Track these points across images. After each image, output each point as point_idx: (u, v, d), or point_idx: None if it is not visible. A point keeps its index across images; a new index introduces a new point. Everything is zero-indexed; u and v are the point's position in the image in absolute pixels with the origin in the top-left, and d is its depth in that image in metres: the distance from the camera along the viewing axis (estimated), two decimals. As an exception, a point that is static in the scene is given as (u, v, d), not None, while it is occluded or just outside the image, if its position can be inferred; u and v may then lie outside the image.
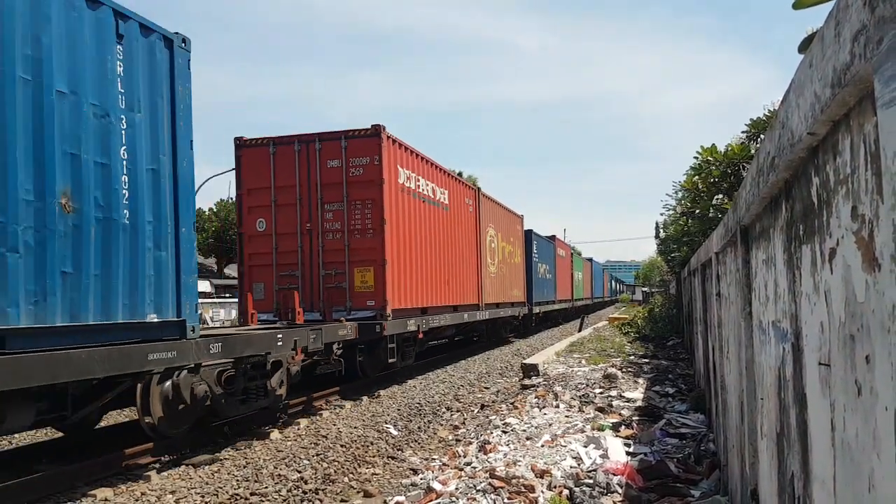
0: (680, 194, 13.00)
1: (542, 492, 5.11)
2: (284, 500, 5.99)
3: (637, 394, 9.41)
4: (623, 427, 7.23)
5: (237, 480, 6.51)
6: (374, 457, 7.42)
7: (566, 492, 5.05)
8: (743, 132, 9.17)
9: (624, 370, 11.90)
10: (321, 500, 6.00)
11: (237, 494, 6.09)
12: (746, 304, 3.11)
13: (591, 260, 54.53)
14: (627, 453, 6.07)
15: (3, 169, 5.06)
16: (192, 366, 7.07)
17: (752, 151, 8.29)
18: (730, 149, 9.09)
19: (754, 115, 8.66)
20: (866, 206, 1.16)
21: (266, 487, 6.28)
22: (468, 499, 5.09)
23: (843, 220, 1.33)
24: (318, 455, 7.40)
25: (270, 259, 12.05)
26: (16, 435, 8.36)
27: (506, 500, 4.98)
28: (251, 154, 12.13)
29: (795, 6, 1.56)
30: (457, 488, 5.40)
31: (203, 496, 6.07)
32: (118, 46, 6.15)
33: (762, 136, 7.80)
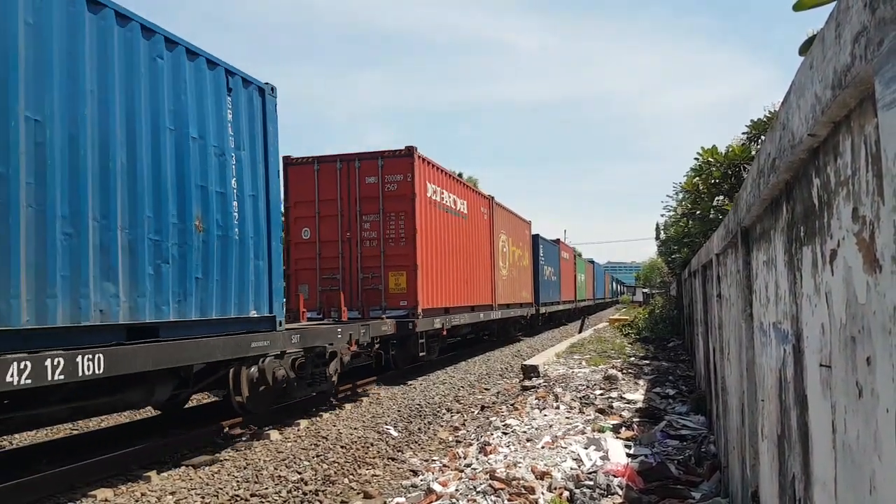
0: (680, 195, 13.00)
1: (543, 493, 5.11)
2: (284, 502, 5.98)
3: (637, 395, 9.40)
4: (623, 428, 7.23)
5: (237, 481, 6.51)
6: (374, 458, 7.41)
7: (566, 493, 5.05)
8: (743, 133, 9.17)
9: (624, 371, 11.89)
10: (321, 502, 5.99)
11: (237, 495, 6.09)
12: (747, 305, 3.11)
13: (593, 262, 55.41)
14: (628, 455, 6.06)
15: (158, 200, 6.65)
16: (279, 353, 8.58)
17: (753, 153, 8.28)
18: (730, 150, 9.09)
19: (754, 116, 8.66)
20: (867, 207, 1.16)
21: (266, 488, 6.28)
22: (468, 500, 5.08)
23: (843, 222, 1.33)
24: (318, 456, 7.40)
25: (314, 264, 13.62)
26: (16, 435, 8.36)
27: (506, 502, 4.97)
28: (297, 171, 13.74)
29: (796, 7, 1.56)
30: (457, 490, 5.39)
31: (203, 497, 6.07)
32: (228, 98, 7.76)
33: (763, 137, 7.80)
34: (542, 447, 6.58)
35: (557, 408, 8.82)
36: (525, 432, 7.49)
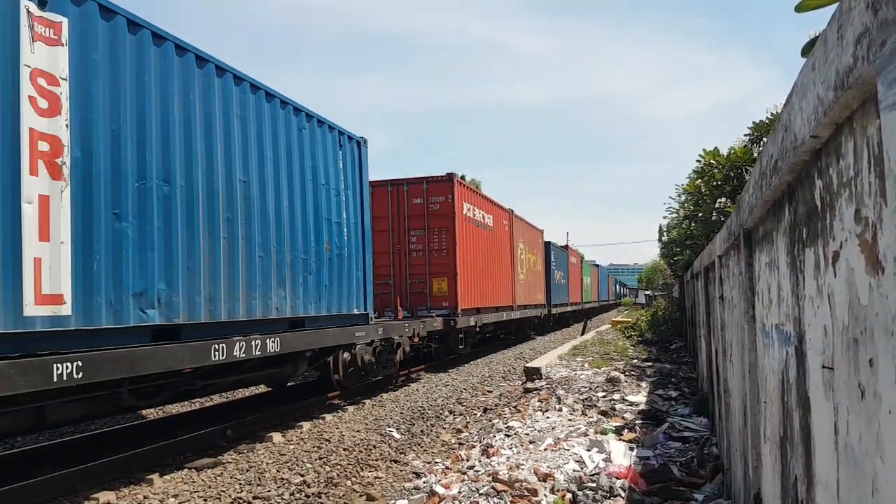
0: (683, 197, 12.98)
1: (546, 495, 5.10)
2: (287, 504, 5.98)
3: (640, 397, 9.39)
4: (626, 430, 7.22)
5: (240, 484, 6.51)
6: (376, 460, 7.41)
7: (569, 495, 5.04)
8: (745, 135, 9.16)
9: (627, 374, 11.88)
10: (324, 504, 5.99)
11: (240, 498, 6.09)
12: (749, 307, 3.11)
13: (598, 266, 57.17)
14: (630, 457, 6.05)
15: (305, 230, 9.22)
16: (370, 342, 11.13)
17: (755, 154, 8.27)
18: (732, 152, 9.08)
19: (756, 117, 8.65)
20: (869, 208, 1.16)
21: (269, 491, 6.28)
22: (471, 502, 5.08)
23: (846, 223, 1.33)
24: (320, 458, 7.40)
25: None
26: (18, 438, 8.38)
27: (508, 504, 4.97)
28: None
29: (798, 9, 1.56)
30: (460, 492, 5.39)
31: (205, 500, 6.07)
32: (340, 152, 10.42)
33: (765, 139, 7.79)
34: (545, 449, 6.57)
35: (560, 410, 8.81)
36: (528, 434, 7.48)
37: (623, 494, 4.98)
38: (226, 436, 8.28)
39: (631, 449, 6.35)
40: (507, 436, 7.58)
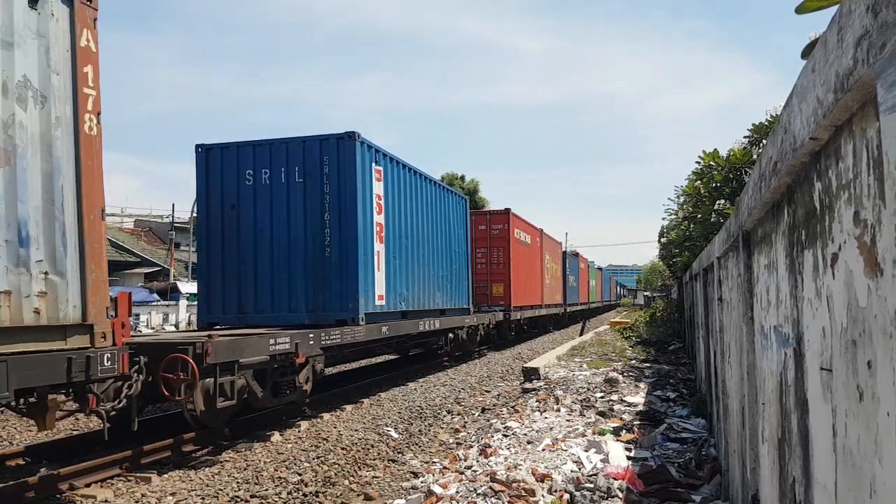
0: (682, 199, 12.99)
1: (543, 496, 5.11)
2: (284, 503, 5.98)
3: (638, 398, 9.39)
4: (624, 431, 7.22)
5: (237, 482, 6.51)
6: (374, 460, 7.41)
7: (567, 496, 5.05)
8: (745, 137, 9.16)
9: (625, 374, 11.88)
10: (321, 503, 5.99)
11: (237, 496, 6.09)
12: (748, 308, 3.11)
13: (601, 269, 63.24)
14: (628, 458, 6.06)
15: (449, 259, 15.72)
16: (470, 326, 17.35)
17: (755, 156, 8.28)
18: (732, 153, 9.08)
19: (755, 119, 8.65)
20: (868, 211, 1.16)
21: (266, 490, 6.27)
22: (468, 502, 5.08)
23: (845, 225, 1.33)
24: (318, 458, 7.40)
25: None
26: (16, 436, 8.38)
27: (506, 504, 4.97)
28: None
29: (798, 10, 1.56)
30: (457, 492, 5.39)
31: (203, 498, 6.07)
32: (458, 206, 16.49)
33: (764, 140, 7.80)
34: (543, 450, 6.57)
35: (558, 410, 8.81)
36: (525, 435, 7.48)
37: (621, 495, 4.98)
38: (224, 434, 8.28)
39: (629, 450, 6.35)
40: (505, 436, 7.58)
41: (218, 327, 10.56)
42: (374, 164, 11.17)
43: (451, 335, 15.89)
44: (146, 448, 7.16)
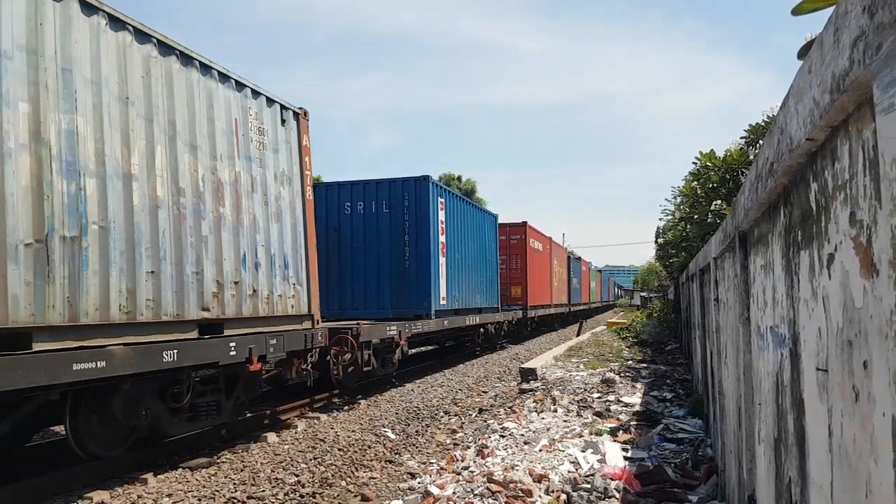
0: (678, 199, 13.00)
1: (540, 496, 5.11)
2: (281, 504, 5.97)
3: (635, 399, 9.40)
4: (621, 432, 7.23)
5: (234, 484, 6.49)
6: (371, 461, 7.40)
7: (564, 496, 5.05)
8: (742, 138, 9.18)
9: (622, 375, 11.89)
10: (318, 504, 5.98)
11: (234, 498, 6.08)
12: (745, 309, 3.12)
13: (600, 271, 67.63)
14: (625, 458, 6.06)
15: (485, 268, 19.36)
16: (500, 321, 20.80)
17: (751, 157, 8.30)
18: (729, 154, 9.10)
19: (752, 120, 8.67)
20: (864, 211, 1.16)
21: (263, 491, 6.26)
22: (465, 503, 5.08)
23: (841, 226, 1.34)
24: (315, 459, 7.39)
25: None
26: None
27: (503, 505, 4.96)
28: None
29: (794, 12, 1.57)
30: (454, 492, 5.39)
31: (200, 499, 6.06)
32: (488, 223, 20.00)
33: (761, 141, 7.81)
34: (540, 450, 6.58)
35: (555, 411, 8.82)
36: (523, 435, 7.48)
37: (617, 496, 4.99)
38: (220, 435, 8.26)
39: (626, 450, 6.36)
40: (502, 436, 7.58)
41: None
42: (439, 198, 14.92)
43: (482, 329, 19.37)
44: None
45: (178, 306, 6.86)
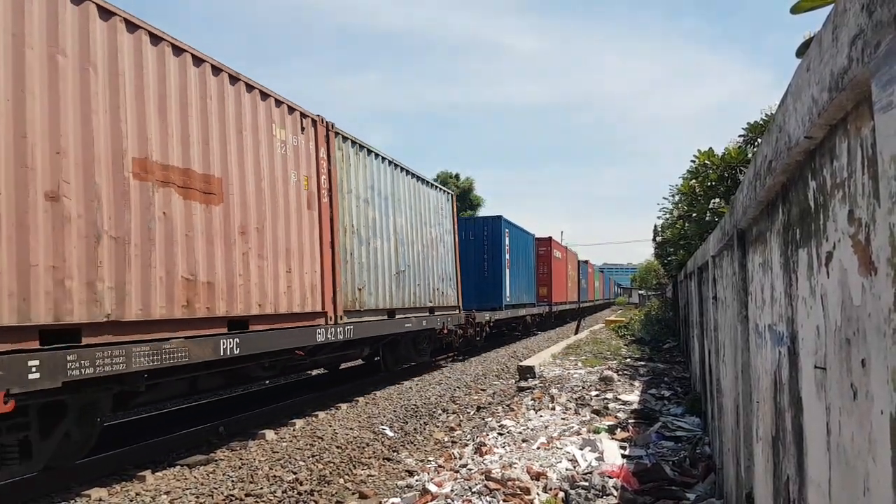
0: (677, 197, 13.00)
1: (538, 494, 5.11)
2: (280, 502, 5.97)
3: (633, 397, 9.41)
4: (619, 430, 7.23)
5: (232, 481, 6.50)
6: (369, 458, 7.41)
7: (562, 494, 5.05)
8: (740, 136, 9.18)
9: (620, 373, 11.90)
10: (316, 502, 5.99)
11: (232, 495, 6.08)
12: (742, 307, 3.12)
13: (603, 271, 76.13)
14: (623, 456, 6.07)
15: (528, 278, 26.32)
16: (536, 313, 27.36)
17: (750, 155, 8.30)
18: (727, 153, 9.10)
19: (750, 118, 8.66)
20: (863, 209, 1.16)
21: (261, 488, 6.27)
22: (464, 501, 5.08)
23: (839, 224, 1.34)
24: (313, 456, 7.39)
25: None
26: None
27: (501, 503, 4.97)
28: None
29: (793, 10, 1.57)
30: (452, 490, 5.39)
31: (198, 497, 6.06)
32: (531, 241, 27.29)
33: (759, 139, 7.80)
34: (538, 448, 6.58)
35: (553, 409, 8.82)
36: (521, 433, 7.49)
37: (615, 493, 4.99)
38: (218, 433, 8.27)
39: (624, 448, 6.36)
40: (501, 434, 7.58)
41: None
42: (505, 229, 22.04)
43: (527, 319, 26.08)
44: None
45: (423, 301, 14.41)
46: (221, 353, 7.22)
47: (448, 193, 16.92)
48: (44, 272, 5.35)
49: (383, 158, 12.38)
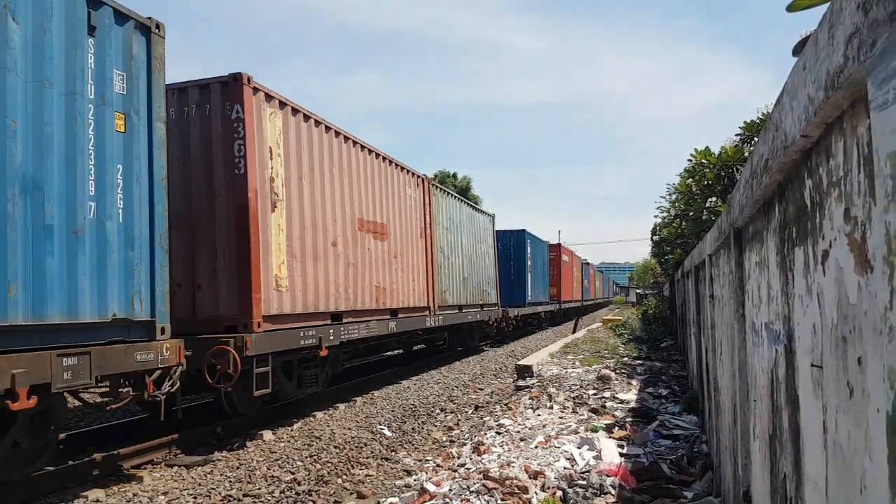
0: (674, 197, 13.03)
1: (536, 493, 5.11)
2: (277, 502, 5.97)
3: (631, 395, 9.42)
4: (616, 428, 7.24)
5: (230, 481, 6.49)
6: (367, 458, 7.40)
7: (560, 493, 5.06)
8: (737, 135, 9.19)
9: (618, 372, 11.91)
10: (314, 502, 5.98)
11: (230, 496, 6.07)
12: (739, 305, 3.12)
13: (602, 272, 79.87)
14: (621, 454, 6.07)
15: (543, 281, 31.84)
16: (549, 310, 31.97)
17: (746, 154, 8.31)
18: (723, 151, 9.11)
19: (747, 118, 8.68)
20: (859, 208, 1.16)
21: (259, 489, 6.26)
22: (462, 500, 5.08)
23: (835, 223, 1.34)
24: (311, 456, 7.39)
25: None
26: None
27: (499, 502, 4.97)
28: None
29: (789, 8, 1.57)
30: (450, 489, 5.39)
31: (195, 497, 6.05)
32: (546, 247, 33.29)
33: (756, 139, 7.82)
34: (536, 447, 6.59)
35: (551, 408, 8.83)
36: (519, 432, 7.49)
37: (613, 492, 5.00)
38: (216, 433, 8.25)
39: (621, 447, 6.37)
40: (498, 433, 7.59)
41: None
42: (527, 241, 26.08)
43: (542, 315, 30.21)
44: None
45: (477, 300, 18.85)
46: (388, 330, 12.41)
47: (490, 216, 21.71)
48: (332, 283, 10.19)
49: (454, 196, 17.87)
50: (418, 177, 14.77)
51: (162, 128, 6.73)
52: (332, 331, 9.90)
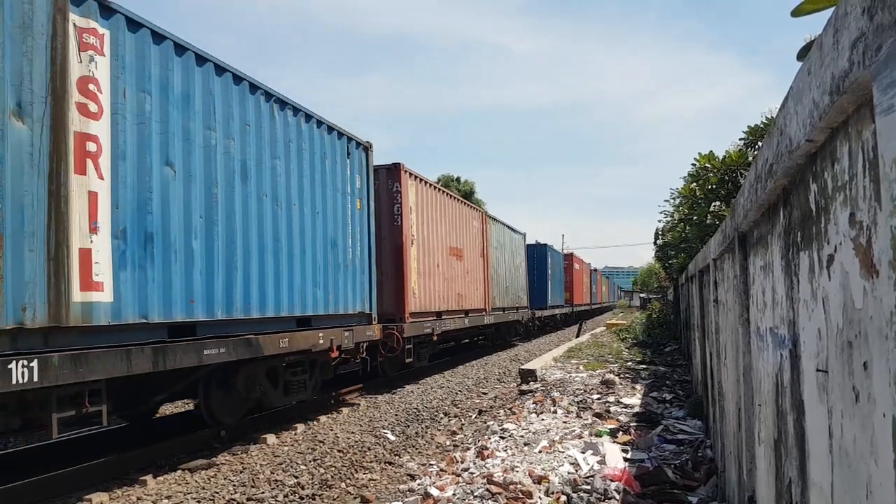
0: (677, 201, 13.01)
1: (540, 498, 5.10)
2: (281, 506, 5.96)
3: (635, 400, 9.40)
4: (621, 433, 7.22)
5: (233, 485, 6.49)
6: (371, 462, 7.40)
7: (564, 498, 5.04)
8: (741, 139, 9.19)
9: (622, 376, 11.89)
10: (318, 506, 5.98)
11: (233, 499, 6.07)
12: (744, 310, 3.12)
13: (608, 277, 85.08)
14: (625, 459, 6.06)
15: (559, 286, 36.18)
16: (564, 312, 36.98)
17: (750, 158, 8.30)
18: (727, 156, 9.11)
19: (750, 121, 8.67)
20: (864, 212, 1.16)
21: (263, 493, 6.26)
22: (465, 504, 5.07)
23: (840, 227, 1.34)
24: (315, 460, 7.39)
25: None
26: (11, 439, 8.34)
27: (503, 506, 4.96)
28: None
29: (794, 13, 1.57)
30: (454, 494, 5.38)
31: (199, 501, 6.05)
32: (561, 256, 38.83)
33: (760, 143, 7.82)
34: (540, 452, 6.57)
35: (555, 412, 8.81)
36: (522, 437, 7.48)
37: (617, 497, 4.98)
38: (220, 437, 8.26)
39: (625, 451, 6.35)
40: (502, 438, 7.57)
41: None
42: (548, 253, 31.05)
43: (558, 316, 34.09)
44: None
45: (513, 303, 23.82)
46: (464, 325, 17.19)
47: (522, 234, 26.28)
48: (437, 292, 15.06)
49: (500, 222, 22.38)
50: (479, 211, 20.15)
51: (373, 206, 11.68)
52: (438, 324, 14.94)
